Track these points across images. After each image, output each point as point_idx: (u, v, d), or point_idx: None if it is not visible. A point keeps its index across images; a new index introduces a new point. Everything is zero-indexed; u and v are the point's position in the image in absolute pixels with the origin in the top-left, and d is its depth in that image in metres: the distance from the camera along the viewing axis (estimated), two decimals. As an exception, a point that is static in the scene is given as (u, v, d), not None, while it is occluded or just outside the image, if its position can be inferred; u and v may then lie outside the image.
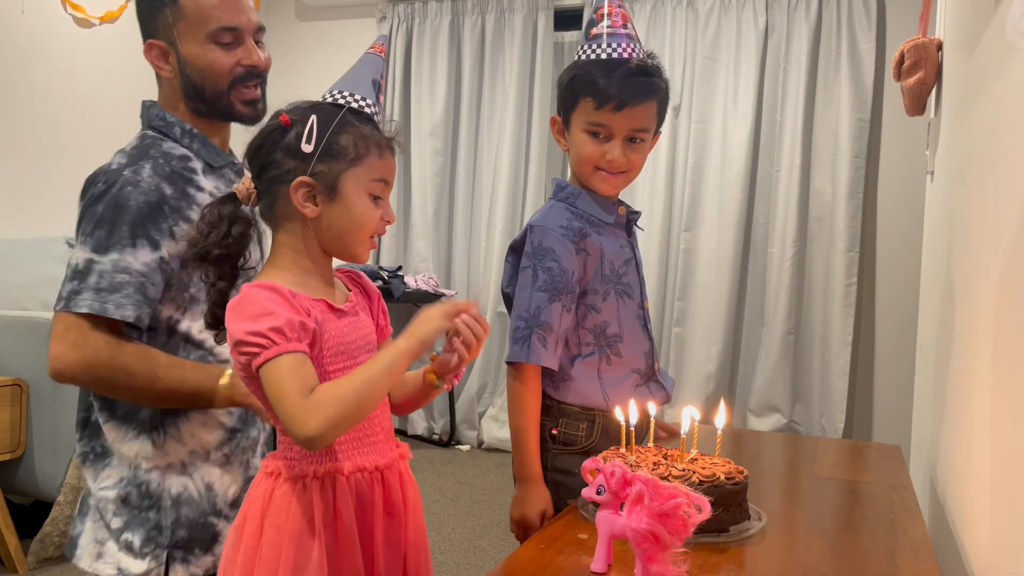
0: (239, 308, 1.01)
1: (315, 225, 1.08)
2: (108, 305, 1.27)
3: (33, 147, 3.45)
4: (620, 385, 1.45)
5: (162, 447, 1.34)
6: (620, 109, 1.38)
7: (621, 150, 1.40)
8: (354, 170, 1.08)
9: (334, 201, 1.07)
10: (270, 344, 0.98)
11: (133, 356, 1.29)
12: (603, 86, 1.38)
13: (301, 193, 1.06)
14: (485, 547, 1.40)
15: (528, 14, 4.28)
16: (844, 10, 3.77)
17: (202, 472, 1.36)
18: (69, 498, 2.55)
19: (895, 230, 3.78)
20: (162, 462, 1.34)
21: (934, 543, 1.31)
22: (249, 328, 0.98)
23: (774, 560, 1.09)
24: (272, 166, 1.07)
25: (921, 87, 2.33)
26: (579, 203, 1.46)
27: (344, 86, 1.12)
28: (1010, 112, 1.16)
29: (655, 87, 1.41)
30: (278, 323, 0.98)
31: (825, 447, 1.89)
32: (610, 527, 0.97)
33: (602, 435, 1.43)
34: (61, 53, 3.55)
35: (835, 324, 3.78)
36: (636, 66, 1.40)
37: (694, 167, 3.98)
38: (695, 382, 3.96)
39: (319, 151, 1.06)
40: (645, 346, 1.50)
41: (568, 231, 1.41)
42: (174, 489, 1.34)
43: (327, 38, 4.66)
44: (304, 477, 1.05)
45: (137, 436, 1.35)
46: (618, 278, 1.46)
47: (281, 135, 1.08)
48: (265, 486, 1.07)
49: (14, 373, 2.56)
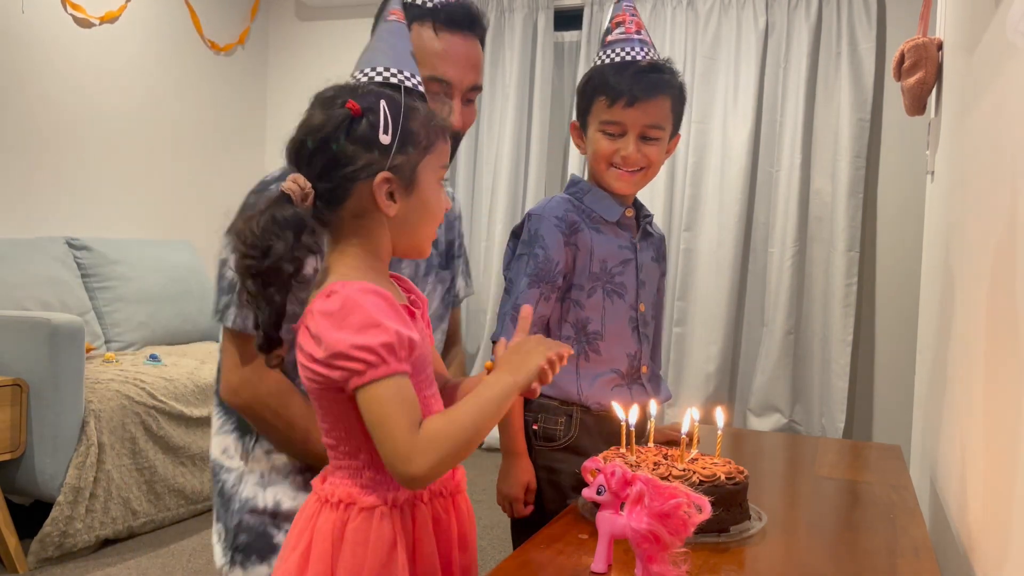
0: (340, 315, 0.89)
1: (391, 222, 0.98)
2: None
3: (33, 147, 3.45)
4: (595, 382, 1.45)
5: (248, 452, 1.32)
6: (632, 104, 1.40)
7: (635, 146, 1.42)
8: (428, 158, 0.99)
9: (411, 195, 0.98)
10: (379, 362, 0.87)
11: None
12: (614, 83, 1.41)
13: (385, 190, 0.96)
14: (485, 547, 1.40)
15: (528, 14, 4.28)
16: (844, 10, 3.77)
17: (276, 490, 1.30)
18: (69, 498, 2.55)
19: (895, 230, 3.78)
20: (243, 467, 1.32)
21: (934, 543, 1.30)
22: (356, 341, 0.87)
23: (774, 560, 1.09)
24: (344, 162, 0.94)
25: (921, 87, 2.33)
26: (586, 199, 1.48)
27: (387, 61, 1.01)
28: (1010, 112, 1.16)
29: (667, 83, 1.43)
30: (389, 338, 0.88)
31: (825, 447, 1.89)
32: (610, 527, 0.97)
33: (581, 430, 1.44)
34: (61, 53, 3.55)
35: (835, 324, 3.78)
36: (648, 64, 1.42)
37: (694, 167, 3.98)
38: (695, 382, 3.96)
39: (396, 141, 0.95)
40: (631, 348, 1.48)
41: (561, 222, 1.43)
42: (245, 494, 1.31)
43: (327, 38, 4.66)
44: (382, 505, 0.94)
45: (232, 431, 1.33)
46: (610, 277, 1.46)
47: (351, 125, 0.94)
48: (333, 517, 0.95)
49: (14, 373, 2.56)
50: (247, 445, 1.32)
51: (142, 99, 3.94)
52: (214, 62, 4.40)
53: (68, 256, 3.32)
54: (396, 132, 0.95)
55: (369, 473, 0.95)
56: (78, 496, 2.57)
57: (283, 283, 0.93)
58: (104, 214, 3.74)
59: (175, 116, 4.14)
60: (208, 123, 4.37)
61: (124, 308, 3.44)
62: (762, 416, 3.92)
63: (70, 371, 2.57)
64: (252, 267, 0.92)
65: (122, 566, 2.58)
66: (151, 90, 3.99)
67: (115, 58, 3.79)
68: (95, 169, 3.70)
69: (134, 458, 2.76)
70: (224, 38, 4.45)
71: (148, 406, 2.82)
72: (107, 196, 3.77)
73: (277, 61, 4.77)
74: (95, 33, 3.69)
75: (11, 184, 3.37)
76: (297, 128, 0.98)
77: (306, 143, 0.95)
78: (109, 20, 3.74)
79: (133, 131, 3.89)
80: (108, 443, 2.67)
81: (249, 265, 0.92)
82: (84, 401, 2.63)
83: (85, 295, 3.31)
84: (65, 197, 3.58)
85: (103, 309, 3.39)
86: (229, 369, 1.26)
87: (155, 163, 4.01)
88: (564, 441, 1.44)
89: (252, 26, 4.63)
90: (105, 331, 3.38)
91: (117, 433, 2.71)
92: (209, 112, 4.37)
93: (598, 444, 1.42)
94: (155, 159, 4.02)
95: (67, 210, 3.58)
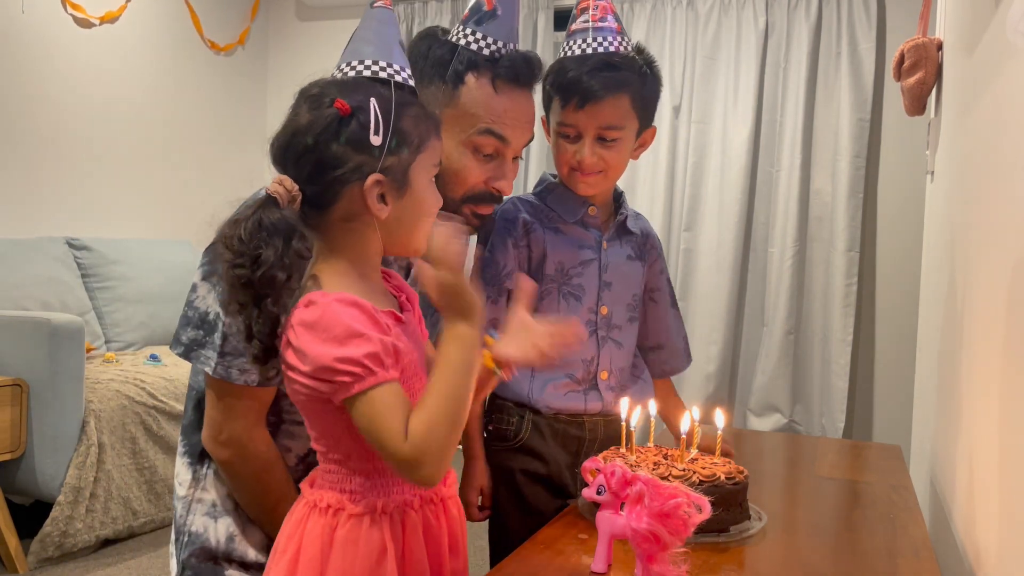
0: (319, 327, 0.86)
1: (382, 224, 0.94)
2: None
3: (33, 147, 3.45)
4: (546, 386, 1.40)
5: (200, 480, 1.23)
6: (583, 106, 1.32)
7: (590, 149, 1.33)
8: (421, 157, 0.95)
9: (404, 196, 0.94)
10: (366, 373, 0.85)
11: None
12: (565, 83, 1.33)
13: (376, 192, 0.92)
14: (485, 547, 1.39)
15: (528, 14, 4.28)
16: (844, 10, 3.77)
17: (228, 521, 1.21)
18: (69, 498, 2.55)
19: (895, 230, 3.78)
20: (194, 495, 1.22)
21: (934, 543, 1.30)
22: (339, 354, 0.84)
23: (774, 560, 1.09)
24: (333, 164, 0.90)
25: (921, 87, 2.32)
26: (549, 198, 1.43)
27: (375, 53, 0.96)
28: (1010, 112, 1.16)
29: (623, 80, 1.33)
30: (373, 348, 0.85)
31: (825, 447, 1.89)
32: (610, 527, 0.97)
33: (533, 431, 1.41)
34: (61, 53, 3.55)
35: (835, 324, 3.78)
36: (601, 60, 1.32)
37: (694, 167, 3.98)
38: (695, 382, 3.96)
39: (387, 141, 0.91)
40: (587, 353, 1.42)
41: (512, 224, 1.38)
42: (194, 527, 1.21)
43: (327, 38, 4.65)
44: (372, 512, 0.92)
45: (184, 455, 1.24)
46: (567, 279, 1.40)
47: (340, 126, 0.90)
48: (322, 523, 0.92)
49: (14, 373, 2.56)
50: (198, 473, 1.23)
51: (142, 99, 3.94)
52: (214, 62, 4.40)
53: (68, 256, 3.32)
54: (387, 132, 0.91)
55: (359, 479, 0.93)
56: (78, 496, 2.57)
57: (277, 292, 0.88)
58: (104, 214, 3.74)
59: (175, 116, 4.14)
60: (208, 123, 4.37)
61: (124, 308, 3.44)
62: (762, 416, 3.92)
63: (70, 371, 2.57)
64: (242, 276, 0.87)
65: (122, 566, 2.58)
66: (151, 90, 3.99)
67: (115, 58, 3.79)
68: (95, 169, 3.70)
69: (134, 458, 2.76)
70: (224, 38, 4.45)
71: (148, 406, 2.82)
72: (107, 196, 3.77)
73: (277, 61, 4.77)
74: (95, 33, 3.69)
75: (11, 184, 3.37)
76: (282, 127, 0.93)
77: (292, 144, 0.91)
78: (109, 20, 3.74)
79: (133, 131, 3.89)
80: (108, 443, 2.67)
81: (240, 275, 0.87)
82: (84, 401, 2.63)
83: (85, 295, 3.31)
84: (65, 197, 3.58)
85: (103, 309, 3.39)
86: (214, 419, 1.14)
87: (155, 163, 4.01)
88: (515, 441, 1.42)
89: (252, 26, 4.63)
90: (105, 331, 3.38)
91: (117, 433, 2.71)
92: (209, 112, 4.37)
93: (550, 446, 1.41)
94: (155, 159, 4.01)
95: (67, 210, 3.58)
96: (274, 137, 0.94)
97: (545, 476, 1.42)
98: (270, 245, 0.87)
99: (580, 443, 1.44)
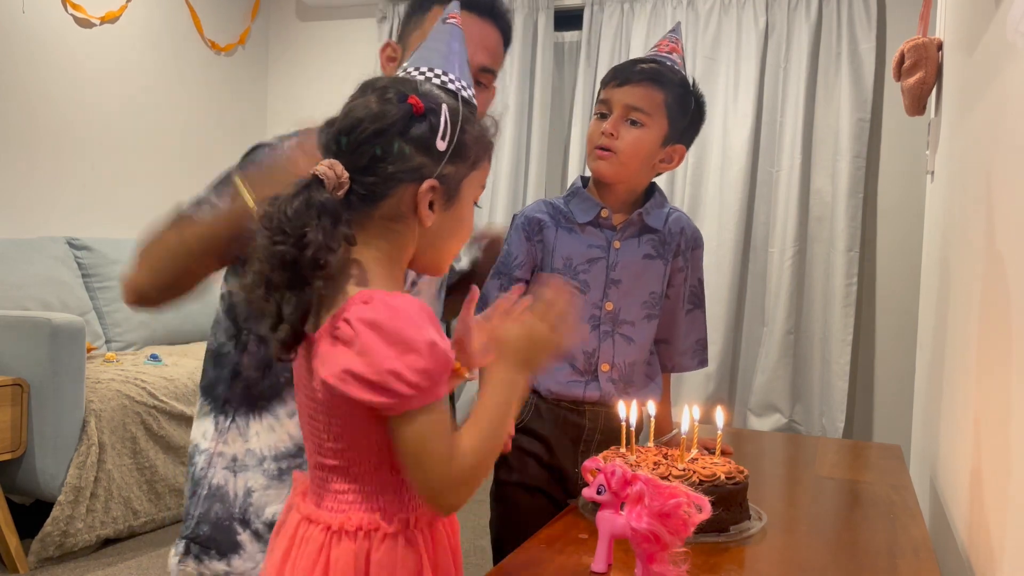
0: (392, 328, 0.80)
1: (422, 232, 0.91)
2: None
3: (33, 147, 3.45)
4: (548, 372, 1.47)
5: (222, 434, 1.28)
6: (620, 85, 1.44)
7: (613, 123, 1.43)
8: (473, 175, 0.93)
9: (450, 208, 0.91)
10: (431, 387, 0.80)
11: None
12: (614, 69, 1.48)
13: (428, 198, 0.88)
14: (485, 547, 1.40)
15: (528, 14, 4.28)
16: (844, 10, 3.77)
17: (248, 476, 1.25)
18: (70, 498, 2.55)
19: (895, 230, 3.78)
20: (215, 449, 1.28)
21: (934, 543, 1.31)
22: (414, 364, 0.79)
23: (774, 560, 1.09)
24: (394, 158, 0.86)
25: (921, 87, 2.33)
26: (572, 202, 1.51)
27: (444, 65, 0.94)
28: (1010, 112, 1.16)
29: (662, 77, 1.45)
30: (443, 360, 0.81)
31: (825, 447, 1.89)
32: (610, 527, 0.97)
33: (534, 414, 1.47)
34: (61, 53, 3.55)
35: (835, 324, 3.78)
36: (651, 60, 1.48)
37: (694, 167, 3.98)
38: (695, 382, 3.96)
39: (450, 150, 0.88)
40: (588, 345, 1.48)
41: (528, 221, 1.51)
42: (215, 480, 1.26)
43: (327, 38, 4.66)
44: (406, 529, 0.87)
45: (208, 413, 1.30)
46: (573, 274, 1.48)
47: (410, 123, 0.87)
48: (353, 547, 0.85)
49: (14, 373, 2.56)
50: (220, 425, 1.28)
51: (142, 99, 3.94)
52: (214, 62, 4.40)
53: (69, 256, 3.32)
54: (453, 140, 0.88)
55: (388, 496, 0.87)
56: (79, 496, 2.57)
57: (314, 275, 0.82)
58: (104, 214, 3.74)
59: (175, 116, 4.14)
60: (208, 123, 4.37)
61: (124, 308, 3.41)
62: (762, 416, 3.92)
63: (71, 371, 2.57)
64: (284, 254, 0.82)
65: (123, 566, 2.58)
66: (151, 90, 3.99)
67: (115, 58, 3.79)
68: (95, 169, 3.70)
69: (135, 458, 2.77)
70: (224, 38, 4.45)
71: (149, 406, 2.82)
72: (107, 196, 3.77)
73: (277, 61, 4.77)
74: (95, 33, 3.69)
75: (11, 184, 3.38)
76: (343, 113, 0.89)
77: (354, 130, 0.87)
78: (109, 20, 3.74)
79: (133, 131, 3.89)
80: (109, 443, 2.67)
81: (282, 251, 0.82)
82: (85, 401, 2.63)
83: (86, 295, 3.31)
84: (65, 197, 3.58)
85: (104, 309, 3.39)
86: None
87: (155, 163, 4.01)
88: (518, 423, 1.46)
89: (252, 26, 4.63)
90: (106, 331, 3.38)
91: (118, 433, 2.71)
92: (209, 112, 4.37)
93: (550, 428, 1.47)
94: (155, 159, 4.01)
95: (67, 210, 3.58)
96: (329, 121, 0.90)
97: (547, 462, 1.47)
98: (319, 226, 0.82)
99: (580, 430, 1.48)
